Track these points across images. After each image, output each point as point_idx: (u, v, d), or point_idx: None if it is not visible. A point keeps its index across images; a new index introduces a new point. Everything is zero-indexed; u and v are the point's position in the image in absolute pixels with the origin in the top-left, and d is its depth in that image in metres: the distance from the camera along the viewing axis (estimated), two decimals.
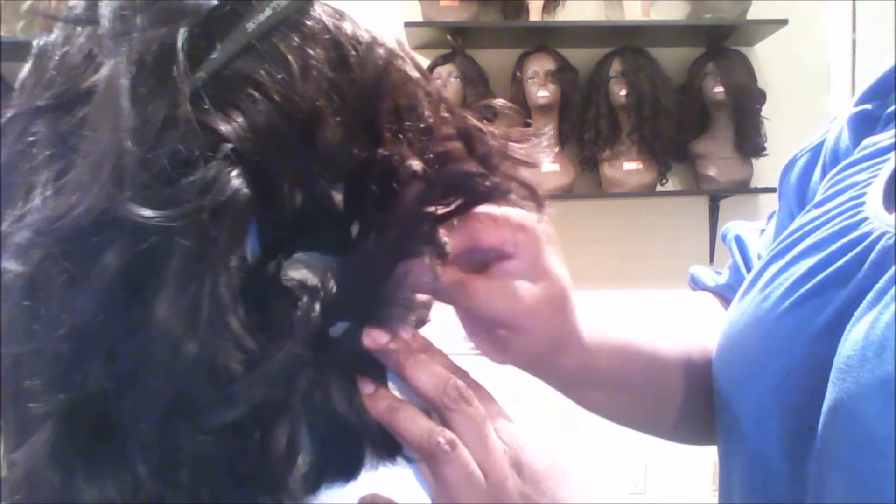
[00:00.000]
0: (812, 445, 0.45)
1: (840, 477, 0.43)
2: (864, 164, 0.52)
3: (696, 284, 0.72)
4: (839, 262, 0.47)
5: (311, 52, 0.34)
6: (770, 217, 0.67)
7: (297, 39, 0.34)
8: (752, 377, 0.51)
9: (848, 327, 0.44)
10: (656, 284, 2.33)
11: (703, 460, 2.33)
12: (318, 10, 0.36)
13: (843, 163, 0.55)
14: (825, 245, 0.49)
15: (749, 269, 0.64)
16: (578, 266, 1.97)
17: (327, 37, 0.35)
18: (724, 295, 0.68)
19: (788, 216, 0.62)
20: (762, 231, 0.68)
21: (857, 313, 0.44)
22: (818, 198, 0.55)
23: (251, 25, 0.34)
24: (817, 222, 0.52)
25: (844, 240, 0.48)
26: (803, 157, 0.62)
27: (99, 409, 0.31)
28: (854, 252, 0.47)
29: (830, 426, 0.44)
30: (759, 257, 0.64)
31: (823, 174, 0.59)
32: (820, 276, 0.48)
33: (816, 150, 0.61)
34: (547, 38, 2.21)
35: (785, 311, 0.49)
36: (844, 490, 0.43)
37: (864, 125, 0.55)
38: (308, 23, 0.35)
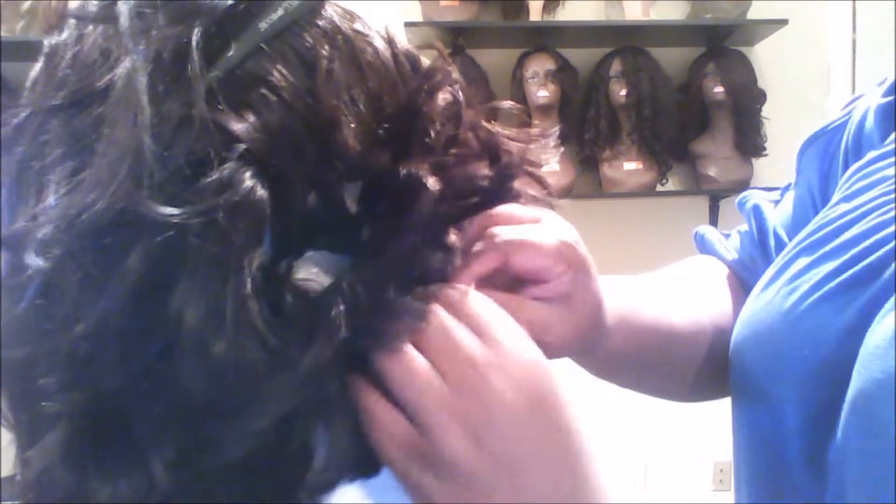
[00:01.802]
0: (832, 438, 0.45)
1: (860, 467, 0.43)
2: (894, 159, 0.52)
3: (705, 247, 0.72)
4: (869, 259, 0.47)
5: (323, 52, 0.34)
6: (785, 189, 0.67)
7: (309, 40, 0.35)
8: (774, 370, 0.51)
9: (877, 319, 0.44)
10: None
11: (703, 460, 2.33)
12: (330, 11, 0.36)
13: (872, 155, 0.55)
14: (857, 242, 0.49)
15: (764, 242, 0.65)
16: None
17: (339, 37, 0.35)
18: (734, 269, 0.68)
19: (807, 192, 0.63)
20: (776, 202, 0.68)
21: (886, 306, 0.44)
22: (847, 190, 0.54)
23: (264, 25, 0.34)
24: (849, 217, 0.51)
25: (876, 237, 0.48)
26: (826, 135, 0.62)
27: (114, 408, 0.31)
28: (886, 248, 0.47)
29: (853, 415, 0.44)
30: (776, 233, 0.64)
31: (846, 155, 0.59)
32: (850, 272, 0.48)
33: (839, 130, 0.61)
34: (547, 38, 2.21)
35: (813, 304, 0.49)
36: (865, 480, 0.42)
37: (890, 117, 0.55)
38: (320, 23, 0.35)
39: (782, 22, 2.16)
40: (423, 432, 0.33)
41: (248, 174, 0.31)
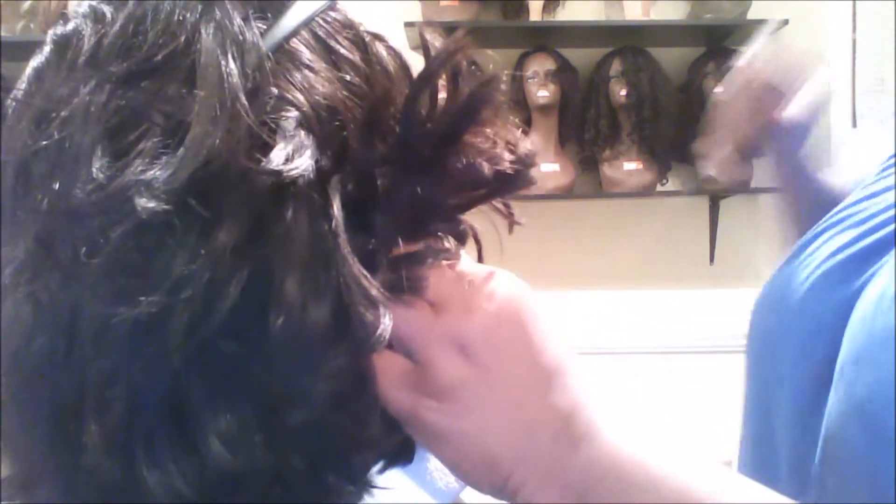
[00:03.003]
0: (823, 404, 0.48)
1: (843, 430, 0.46)
2: None
3: None
4: (874, 236, 0.52)
5: (340, 43, 0.36)
6: None
7: (327, 30, 0.36)
8: (778, 339, 0.55)
9: (866, 289, 0.48)
10: (656, 284, 2.32)
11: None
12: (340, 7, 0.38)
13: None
14: (867, 221, 0.54)
15: None
16: (578, 266, 1.97)
17: (352, 31, 0.37)
18: None
19: None
20: None
21: (878, 273, 0.48)
22: (871, 185, 0.59)
23: (303, 10, 0.36)
24: (865, 202, 0.56)
25: (884, 216, 0.52)
26: None
27: (169, 387, 0.30)
28: (890, 228, 0.51)
29: (840, 381, 0.47)
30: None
31: None
32: (854, 248, 0.52)
33: None
34: (547, 38, 2.21)
35: (819, 276, 0.53)
36: (847, 441, 0.45)
37: None
38: (334, 14, 0.37)
39: (782, 22, 2.16)
40: (420, 362, 0.35)
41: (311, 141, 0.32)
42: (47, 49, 0.36)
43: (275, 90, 0.32)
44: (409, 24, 2.07)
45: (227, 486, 0.31)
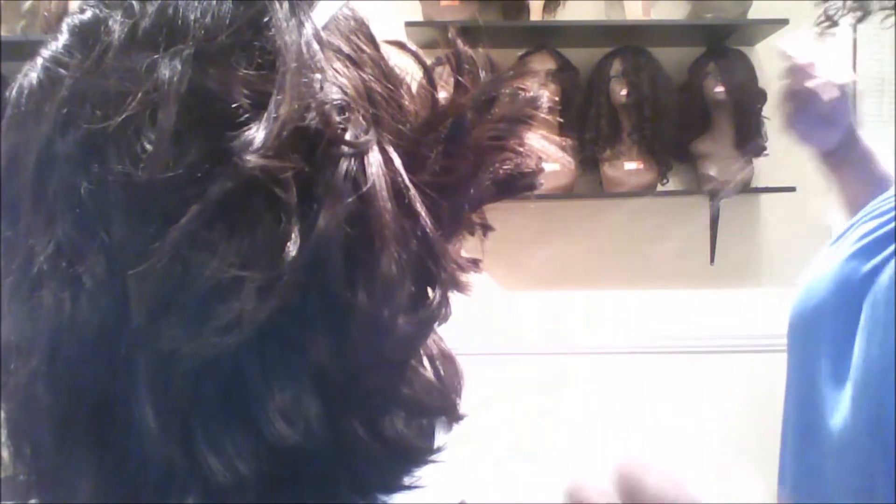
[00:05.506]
0: (849, 357, 0.62)
1: (867, 381, 0.60)
2: None
3: None
4: (888, 227, 0.64)
5: (360, 38, 0.37)
6: None
7: (347, 27, 0.37)
8: (817, 311, 0.68)
9: (889, 264, 0.61)
10: (656, 284, 2.32)
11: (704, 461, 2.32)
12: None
13: None
14: (885, 214, 0.66)
15: None
16: (579, 266, 1.98)
17: (366, 29, 0.38)
18: None
19: None
20: None
21: (892, 258, 0.60)
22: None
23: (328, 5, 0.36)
24: (884, 199, 0.69)
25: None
26: None
27: (229, 367, 0.30)
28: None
29: (861, 340, 0.60)
30: None
31: None
32: (876, 234, 0.65)
33: None
34: (547, 37, 2.21)
35: (849, 256, 0.66)
36: (869, 388, 0.60)
37: None
38: (348, 12, 0.38)
39: (782, 22, 2.16)
40: None
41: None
42: (64, 38, 0.35)
43: (319, 75, 0.33)
44: (409, 24, 2.07)
45: (285, 464, 0.31)
